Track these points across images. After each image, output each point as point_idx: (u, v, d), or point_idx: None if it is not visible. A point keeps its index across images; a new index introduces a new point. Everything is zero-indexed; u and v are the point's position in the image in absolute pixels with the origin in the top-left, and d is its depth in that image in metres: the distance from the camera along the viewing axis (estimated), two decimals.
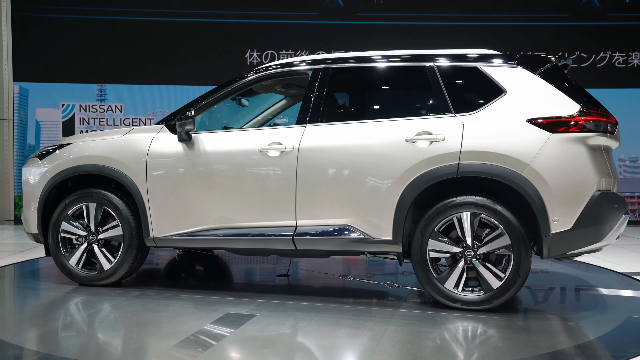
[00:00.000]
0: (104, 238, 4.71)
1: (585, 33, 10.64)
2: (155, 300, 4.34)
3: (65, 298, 4.53)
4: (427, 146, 4.02)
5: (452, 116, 4.04)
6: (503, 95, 4.01)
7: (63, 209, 4.77)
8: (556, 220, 3.75)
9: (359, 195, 4.16)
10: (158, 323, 3.74)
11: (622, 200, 3.98)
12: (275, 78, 4.78)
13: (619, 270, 5.78)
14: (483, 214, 3.89)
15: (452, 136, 3.97)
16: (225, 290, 4.75)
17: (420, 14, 10.74)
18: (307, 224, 4.27)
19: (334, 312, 4.01)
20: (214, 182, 4.49)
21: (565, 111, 3.87)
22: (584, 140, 3.82)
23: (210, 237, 4.47)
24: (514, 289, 3.85)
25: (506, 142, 3.85)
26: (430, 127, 4.05)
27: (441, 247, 3.99)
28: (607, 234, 3.85)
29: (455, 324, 3.74)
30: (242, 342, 3.40)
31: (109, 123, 10.75)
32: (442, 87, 4.16)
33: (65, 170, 4.80)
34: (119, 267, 4.65)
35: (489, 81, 4.09)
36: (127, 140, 4.77)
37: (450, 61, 4.26)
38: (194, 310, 4.08)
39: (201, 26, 10.80)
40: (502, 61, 4.16)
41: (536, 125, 3.85)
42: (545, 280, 5.39)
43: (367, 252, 4.39)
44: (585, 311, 4.21)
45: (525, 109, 3.92)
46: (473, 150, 3.90)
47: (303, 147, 4.28)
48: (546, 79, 4.02)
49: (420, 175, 4.01)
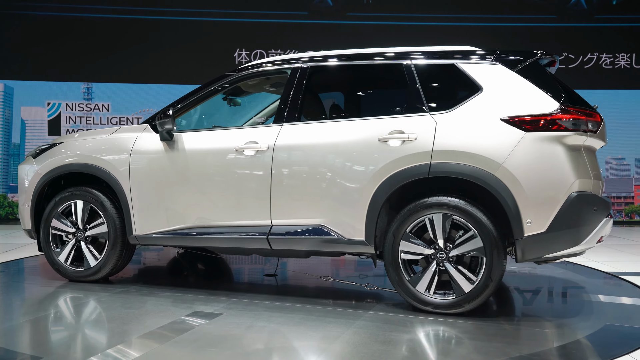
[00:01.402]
0: (91, 235, 4.80)
1: (572, 34, 10.61)
2: (134, 297, 4.39)
3: (43, 293, 4.61)
4: (399, 145, 3.92)
5: (427, 115, 3.93)
6: (479, 93, 3.87)
7: (53, 206, 4.87)
8: (529, 223, 3.61)
9: (332, 195, 4.09)
10: (125, 319, 3.79)
11: (603, 202, 3.81)
12: (257, 77, 4.75)
13: (605, 270, 5.73)
14: (455, 215, 3.77)
15: (424, 135, 3.87)
16: (206, 289, 4.71)
17: (410, 14, 10.68)
18: (281, 223, 4.23)
19: (301, 313, 3.94)
20: (193, 182, 4.49)
21: (543, 109, 3.71)
22: (561, 139, 3.65)
23: (190, 236, 4.49)
24: (485, 293, 3.73)
25: (478, 142, 3.72)
26: (403, 126, 3.95)
27: (413, 248, 3.89)
28: (585, 238, 3.67)
29: (419, 328, 3.63)
30: (194, 340, 3.36)
31: (96, 122, 10.65)
32: (418, 85, 4.06)
33: (56, 169, 4.91)
34: (104, 264, 4.74)
35: (466, 79, 3.96)
36: (112, 139, 4.83)
37: (427, 59, 4.14)
38: (166, 307, 4.08)
39: (190, 25, 10.71)
40: (480, 58, 4.01)
41: (510, 124, 3.70)
42: (528, 282, 5.28)
43: (340, 252, 4.31)
44: (562, 317, 4.08)
45: (501, 107, 3.78)
46: (445, 149, 3.79)
47: (278, 147, 4.24)
48: (525, 75, 3.87)
49: (392, 175, 3.92)
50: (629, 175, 10.75)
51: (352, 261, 6.04)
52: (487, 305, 4.14)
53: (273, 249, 4.30)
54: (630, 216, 10.64)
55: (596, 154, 4.10)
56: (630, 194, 10.73)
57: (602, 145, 4.02)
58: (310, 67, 4.46)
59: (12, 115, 10.68)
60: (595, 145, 3.92)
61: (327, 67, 4.49)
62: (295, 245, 4.20)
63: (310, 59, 4.51)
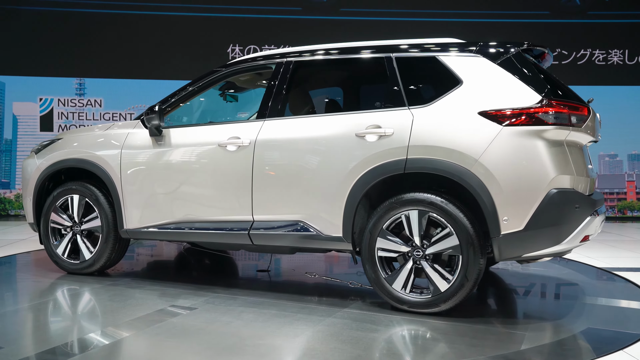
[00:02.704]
0: (87, 229, 4.91)
1: (565, 31, 10.48)
2: (121, 289, 4.49)
3: (35, 285, 4.77)
4: (375, 141, 3.85)
5: (405, 109, 3.85)
6: (459, 87, 3.76)
7: (52, 200, 5.01)
8: (506, 220, 3.48)
9: (311, 190, 4.05)
10: (103, 311, 3.97)
11: (586, 200, 3.61)
12: (246, 72, 4.76)
13: (599, 265, 5.69)
14: (431, 212, 3.68)
15: (400, 130, 3.78)
16: (195, 283, 4.72)
17: (403, 9, 10.56)
18: (262, 219, 4.22)
19: (275, 309, 3.92)
20: (178, 177, 4.53)
21: (523, 102, 3.55)
22: (540, 133, 3.49)
23: (176, 231, 4.53)
24: (461, 292, 3.61)
25: (455, 136, 3.62)
26: (381, 120, 3.88)
27: (390, 246, 3.81)
28: (567, 237, 3.50)
29: (387, 327, 3.55)
30: (157, 334, 3.42)
31: (89, 118, 10.55)
32: (398, 78, 3.97)
33: (55, 164, 5.05)
34: (98, 258, 4.85)
35: (446, 71, 3.85)
36: (106, 135, 4.93)
37: (408, 51, 4.05)
38: (147, 300, 4.15)
39: (183, 20, 10.60)
40: (461, 50, 3.89)
41: (487, 118, 3.57)
42: (519, 279, 5.13)
43: (320, 249, 4.25)
44: (545, 318, 3.97)
45: (480, 101, 3.65)
46: (421, 144, 3.70)
47: (259, 142, 4.23)
48: (507, 68, 3.71)
49: (368, 171, 3.85)
50: (622, 171, 10.70)
51: (346, 258, 5.97)
52: (467, 304, 4.04)
53: (255, 245, 4.28)
54: (622, 212, 10.61)
55: (587, 150, 3.97)
56: (622, 190, 10.69)
57: (590, 140, 3.85)
58: (292, 62, 4.43)
59: (4, 111, 10.58)
60: (581, 140, 3.73)
61: (309, 61, 4.43)
62: (276, 241, 4.19)
63: (292, 54, 4.49)
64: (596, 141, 4.03)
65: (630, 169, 10.68)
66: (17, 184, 10.45)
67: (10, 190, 10.47)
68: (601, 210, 3.96)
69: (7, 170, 10.55)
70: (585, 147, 3.93)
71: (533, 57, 4.06)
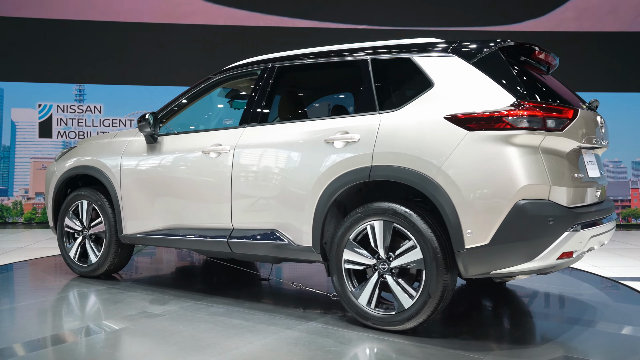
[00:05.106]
0: (94, 233, 5.08)
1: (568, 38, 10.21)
2: (113, 293, 4.63)
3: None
4: (343, 147, 3.67)
5: (376, 114, 3.64)
6: (430, 89, 3.50)
7: (65, 206, 5.22)
8: (470, 234, 3.19)
9: (284, 198, 3.93)
10: (79, 313, 4.21)
11: (565, 213, 3.18)
12: (239, 79, 4.75)
13: (605, 275, 5.53)
14: (396, 223, 3.45)
15: (367, 136, 3.59)
16: (184, 290, 4.74)
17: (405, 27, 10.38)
18: (241, 227, 4.17)
19: (239, 319, 3.83)
20: (169, 183, 4.56)
21: (495, 105, 3.24)
22: (508, 138, 3.16)
23: (165, 237, 4.57)
24: (425, 310, 3.34)
25: (419, 142, 3.38)
26: (349, 125, 3.70)
27: (356, 258, 3.61)
28: (540, 253, 3.13)
29: (343, 344, 3.32)
30: (105, 340, 3.49)
31: (88, 124, 10.47)
32: (372, 82, 3.77)
33: (68, 171, 5.24)
34: (103, 262, 5.00)
35: (420, 73, 3.60)
36: (111, 142, 5.06)
37: (384, 53, 3.84)
38: (127, 305, 4.23)
39: (183, 26, 10.49)
40: (436, 50, 3.62)
41: (453, 122, 3.29)
42: (515, 293, 4.77)
43: (295, 259, 4.08)
44: (516, 342, 3.65)
45: (449, 104, 3.37)
46: (385, 151, 3.48)
47: (238, 149, 4.18)
48: (482, 68, 3.41)
49: (336, 179, 3.66)
50: (626, 178, 10.48)
51: None
52: (448, 322, 3.86)
53: (234, 253, 4.24)
54: (627, 219, 10.39)
55: (587, 157, 3.62)
56: (627, 197, 10.47)
57: (575, 146, 3.40)
58: (272, 68, 4.34)
59: (2, 117, 10.53)
60: (561, 146, 3.32)
61: (289, 67, 4.32)
62: (253, 249, 4.12)
63: (273, 60, 4.40)
64: (597, 147, 3.72)
65: (634, 176, 10.47)
66: (15, 191, 10.40)
67: (8, 197, 10.42)
68: (611, 218, 3.69)
69: (5, 177, 10.50)
70: (583, 153, 3.57)
71: (529, 57, 3.75)
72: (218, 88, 4.91)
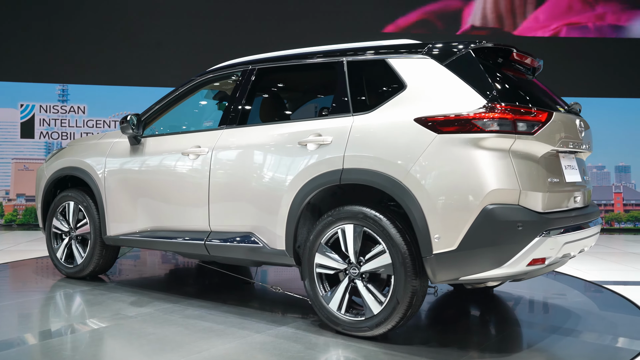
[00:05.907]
0: (80, 235, 5.08)
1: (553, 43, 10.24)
2: (95, 294, 4.63)
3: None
4: (315, 149, 3.63)
5: (349, 116, 3.60)
6: (402, 91, 3.46)
7: (53, 206, 5.24)
8: (437, 238, 3.14)
9: (258, 201, 3.90)
10: (52, 314, 4.22)
11: (535, 218, 3.10)
12: (222, 80, 4.73)
13: (588, 278, 5.53)
14: (365, 226, 3.40)
15: (338, 138, 3.55)
16: (166, 293, 4.71)
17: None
18: (218, 229, 4.15)
19: (211, 322, 3.81)
20: (149, 185, 4.57)
21: (465, 107, 3.18)
22: (477, 142, 3.10)
23: (146, 239, 4.58)
24: (394, 316, 3.29)
25: (388, 145, 3.33)
26: (322, 128, 3.66)
27: (327, 262, 3.57)
28: (509, 259, 3.05)
29: (309, 349, 3.27)
30: (67, 342, 3.48)
31: (71, 124, 10.37)
32: (347, 83, 3.73)
33: (56, 172, 5.27)
34: (88, 263, 5.00)
35: (394, 75, 3.56)
36: (96, 144, 5.07)
37: (359, 55, 3.79)
38: (104, 307, 4.22)
39: (169, 26, 10.42)
40: (410, 52, 3.57)
41: (423, 125, 3.24)
42: (497, 297, 4.71)
43: (270, 262, 4.06)
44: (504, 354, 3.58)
45: (420, 106, 3.32)
46: (355, 154, 3.44)
47: (216, 151, 4.17)
48: (455, 69, 3.35)
49: (309, 181, 3.63)
50: (609, 183, 10.51)
51: None
52: (424, 328, 3.83)
53: (211, 255, 4.23)
54: (610, 224, 10.43)
55: (567, 160, 3.55)
56: (610, 202, 10.51)
57: (549, 149, 3.31)
58: (251, 70, 4.32)
59: None
60: (533, 150, 3.23)
61: (269, 68, 4.29)
62: (229, 252, 4.10)
63: (252, 62, 4.37)
64: (577, 151, 3.65)
65: (617, 181, 10.51)
66: None
67: None
68: (595, 222, 3.65)
69: None
70: (561, 157, 3.51)
71: (509, 60, 3.67)
72: (202, 90, 4.90)
